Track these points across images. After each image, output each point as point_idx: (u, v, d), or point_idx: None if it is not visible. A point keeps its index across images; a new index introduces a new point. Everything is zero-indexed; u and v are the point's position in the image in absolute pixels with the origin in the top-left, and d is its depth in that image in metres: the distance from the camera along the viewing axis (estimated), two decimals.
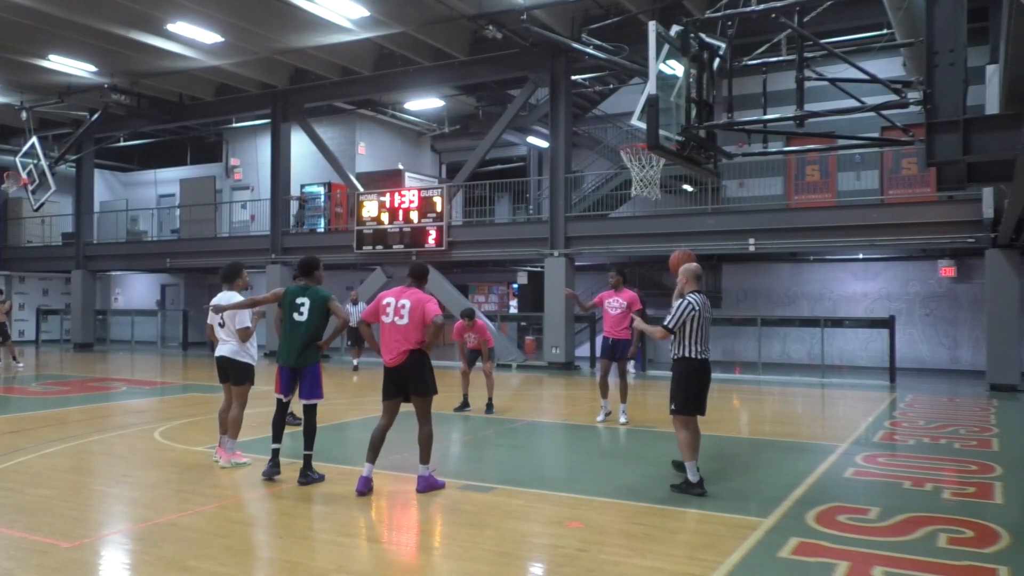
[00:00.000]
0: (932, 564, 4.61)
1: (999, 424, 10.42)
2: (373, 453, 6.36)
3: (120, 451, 8.28)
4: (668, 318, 6.28)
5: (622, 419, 10.05)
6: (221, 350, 7.37)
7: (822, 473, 7.25)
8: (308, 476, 6.66)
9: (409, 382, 6.33)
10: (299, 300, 6.73)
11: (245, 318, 7.31)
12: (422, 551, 5.13)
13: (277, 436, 6.83)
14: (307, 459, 6.71)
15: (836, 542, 5.02)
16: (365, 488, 6.27)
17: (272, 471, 6.73)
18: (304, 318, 6.68)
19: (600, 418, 10.20)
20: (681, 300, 6.31)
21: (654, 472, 7.38)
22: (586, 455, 8.64)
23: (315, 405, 6.79)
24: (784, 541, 5.04)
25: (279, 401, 6.86)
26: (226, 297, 7.29)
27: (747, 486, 6.88)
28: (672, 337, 6.34)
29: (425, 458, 6.41)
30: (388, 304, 6.35)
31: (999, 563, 4.65)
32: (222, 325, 7.33)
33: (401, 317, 6.27)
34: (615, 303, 9.97)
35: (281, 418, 6.87)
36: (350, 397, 12.54)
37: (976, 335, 17.84)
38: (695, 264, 6.52)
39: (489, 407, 10.96)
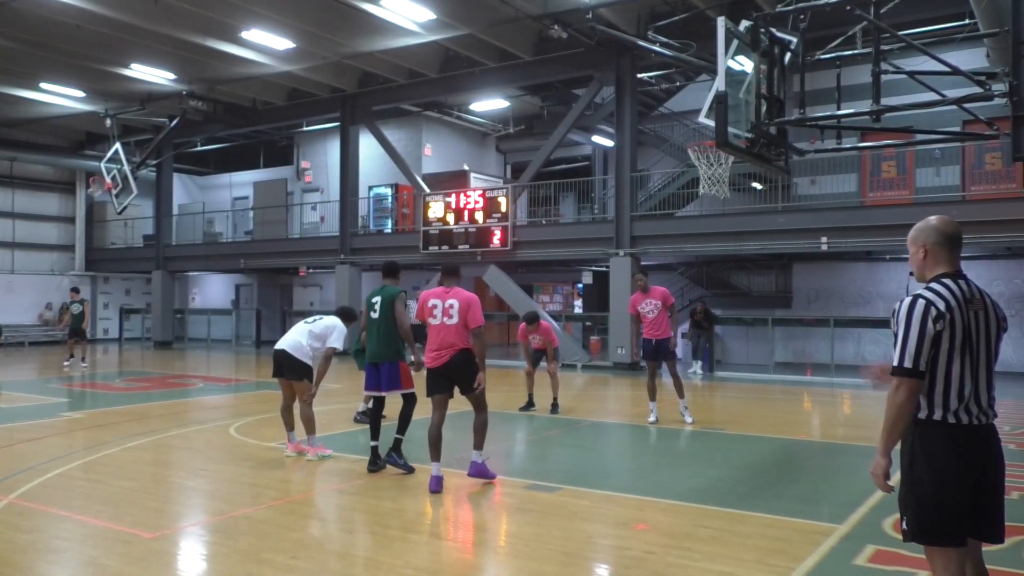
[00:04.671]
0: None
1: None
2: (436, 451, 6.44)
3: (198, 445, 8.58)
4: (896, 350, 2.99)
5: (688, 418, 9.93)
6: (281, 343, 7.54)
7: (899, 479, 7.01)
8: (392, 458, 6.85)
9: (458, 380, 6.45)
10: (374, 299, 6.96)
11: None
12: (488, 550, 5.16)
13: (374, 433, 7.03)
14: (397, 442, 6.89)
15: (915, 550, 4.83)
16: (439, 487, 6.36)
17: (372, 468, 6.94)
18: (376, 315, 6.88)
19: (651, 419, 10.01)
20: (908, 301, 3.02)
21: (722, 475, 7.26)
22: (652, 456, 8.56)
23: (413, 394, 6.94)
24: (860, 548, 4.90)
25: (373, 399, 7.08)
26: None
27: (820, 491, 6.70)
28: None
29: (479, 444, 6.59)
30: (435, 306, 6.45)
31: None
32: (308, 323, 7.61)
33: (450, 317, 6.39)
34: (648, 306, 9.93)
35: (377, 415, 7.07)
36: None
37: None
38: (936, 219, 3.17)
39: (554, 407, 10.95)
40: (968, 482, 2.95)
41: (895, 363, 2.99)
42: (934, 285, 3.07)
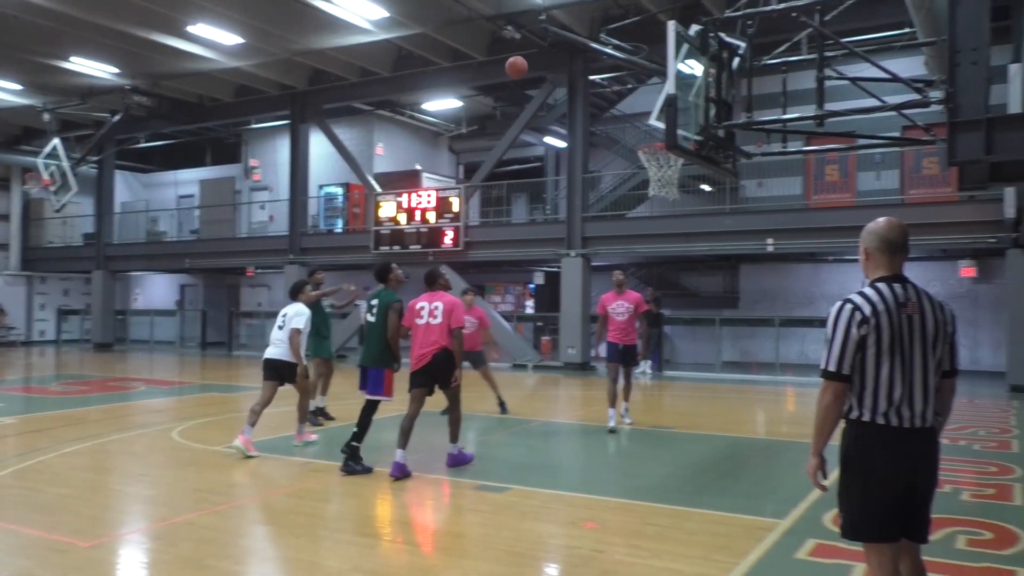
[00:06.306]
0: (951, 566, 4.55)
1: (1019, 425, 10.27)
2: (404, 440, 6.76)
3: (139, 450, 8.36)
4: (824, 352, 3.10)
5: (627, 420, 9.73)
6: (272, 352, 7.81)
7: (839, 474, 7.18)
8: (350, 467, 6.85)
9: (438, 375, 6.85)
10: (372, 302, 7.09)
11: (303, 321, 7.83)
12: (438, 551, 5.13)
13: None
14: (354, 450, 6.90)
15: (854, 544, 4.94)
16: (399, 473, 6.60)
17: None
18: (373, 319, 7.00)
19: (611, 426, 9.42)
20: (836, 306, 3.10)
21: (670, 473, 7.35)
22: (601, 455, 8.61)
23: (377, 402, 7.03)
24: (801, 543, 5.00)
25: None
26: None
27: (763, 487, 6.83)
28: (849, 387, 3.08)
29: (454, 437, 7.08)
30: (422, 308, 6.93)
31: (1018, 565, 4.59)
32: (280, 327, 7.82)
33: (435, 318, 6.84)
34: (620, 307, 9.40)
35: (364, 417, 7.12)
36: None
37: (996, 336, 17.61)
38: (884, 222, 3.18)
39: (502, 406, 10.77)
40: (899, 483, 3.01)
41: (821, 366, 3.09)
42: (866, 289, 3.12)
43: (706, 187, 18.86)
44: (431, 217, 19.90)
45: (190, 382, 15.96)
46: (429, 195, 20.17)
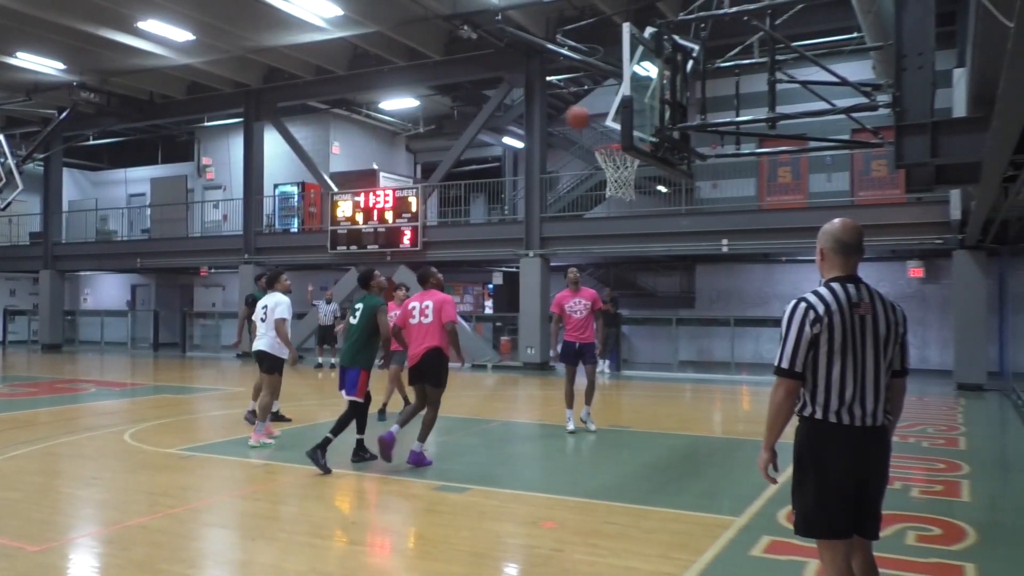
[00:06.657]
0: (901, 562, 4.66)
1: (966, 423, 10.58)
2: (404, 422, 7.15)
3: (89, 453, 8.16)
4: (777, 350, 3.13)
5: (591, 426, 9.42)
6: (258, 344, 8.28)
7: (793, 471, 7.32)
8: (316, 455, 6.85)
9: (427, 373, 7.12)
10: (356, 305, 7.35)
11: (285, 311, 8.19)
12: (396, 552, 5.11)
13: (360, 427, 7.31)
14: (325, 441, 6.91)
15: (808, 541, 5.04)
16: (388, 438, 6.92)
17: (356, 459, 7.27)
18: (355, 322, 7.23)
19: (570, 428, 9.32)
20: (791, 304, 3.14)
21: (629, 471, 7.42)
22: (561, 455, 8.65)
23: (358, 404, 7.16)
24: (756, 539, 5.08)
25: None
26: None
27: (720, 485, 6.94)
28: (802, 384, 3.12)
29: (423, 437, 7.18)
30: (414, 308, 7.22)
31: (966, 560, 4.72)
32: (263, 320, 8.11)
33: (426, 317, 7.12)
34: (577, 305, 9.25)
35: (345, 415, 7.26)
36: (322, 397, 12.43)
37: (944, 335, 18.10)
38: (839, 223, 3.34)
39: (381, 413, 9.81)
40: (851, 480, 3.05)
41: (775, 363, 3.11)
42: (820, 288, 3.15)
43: (662, 188, 19.06)
44: (389, 217, 19.78)
45: (142, 384, 15.62)
46: (386, 194, 20.05)
